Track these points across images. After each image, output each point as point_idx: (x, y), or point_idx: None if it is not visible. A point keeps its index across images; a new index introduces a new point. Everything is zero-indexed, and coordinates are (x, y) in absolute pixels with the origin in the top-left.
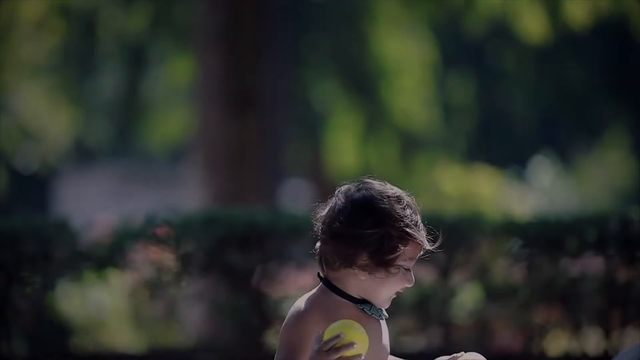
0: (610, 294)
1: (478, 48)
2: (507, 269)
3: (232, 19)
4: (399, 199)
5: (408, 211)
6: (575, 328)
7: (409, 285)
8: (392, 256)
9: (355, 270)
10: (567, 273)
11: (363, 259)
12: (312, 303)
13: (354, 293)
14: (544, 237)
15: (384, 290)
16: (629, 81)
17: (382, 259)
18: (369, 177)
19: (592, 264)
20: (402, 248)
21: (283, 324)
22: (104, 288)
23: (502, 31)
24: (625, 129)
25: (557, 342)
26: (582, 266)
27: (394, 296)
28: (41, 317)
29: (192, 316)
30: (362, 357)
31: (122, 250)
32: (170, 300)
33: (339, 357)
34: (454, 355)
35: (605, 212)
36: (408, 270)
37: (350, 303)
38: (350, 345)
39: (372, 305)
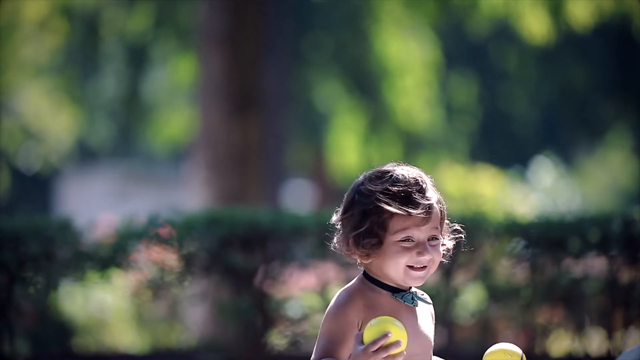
0: (612, 294)
1: (480, 48)
2: (509, 269)
3: (234, 19)
4: (379, 175)
5: (386, 185)
6: (578, 328)
7: (421, 258)
8: (365, 232)
9: (356, 257)
10: (569, 273)
11: (351, 244)
12: (351, 292)
13: (379, 277)
14: (547, 238)
15: (389, 268)
16: (631, 82)
17: (360, 239)
18: (390, 162)
19: (595, 265)
20: (376, 223)
21: (325, 314)
22: (106, 288)
23: (504, 32)
24: (628, 130)
25: (560, 342)
26: (585, 266)
27: (418, 272)
28: (44, 317)
29: (194, 316)
30: (405, 354)
31: (124, 251)
32: (173, 300)
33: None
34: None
35: (608, 213)
36: (406, 241)
37: (385, 290)
38: (397, 343)
39: (405, 292)
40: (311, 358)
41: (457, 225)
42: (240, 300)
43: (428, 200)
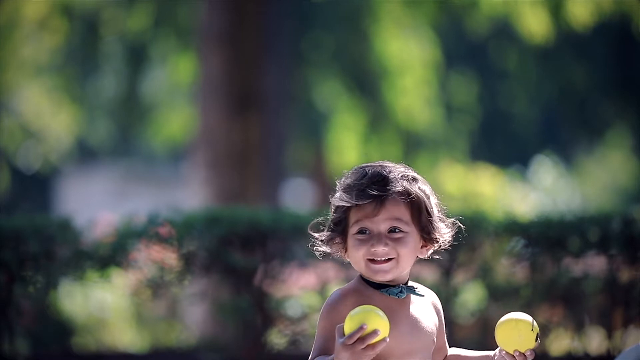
0: (612, 293)
1: (480, 47)
2: (509, 269)
3: (234, 18)
4: (352, 172)
5: (349, 180)
6: (578, 327)
7: (373, 249)
8: (329, 228)
9: (336, 254)
10: (569, 272)
11: (325, 241)
12: (344, 291)
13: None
14: (547, 237)
15: (353, 263)
16: (631, 81)
17: (327, 235)
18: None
19: (595, 264)
20: (336, 218)
21: (320, 313)
22: (106, 287)
23: (504, 31)
24: (628, 129)
25: (560, 341)
26: (585, 266)
27: (378, 265)
28: (43, 316)
29: (194, 315)
30: (387, 340)
31: (124, 250)
32: (173, 299)
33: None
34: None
35: (608, 212)
36: (361, 233)
37: (373, 287)
38: (374, 333)
39: (390, 286)
40: (309, 358)
41: (455, 221)
42: (240, 299)
43: (381, 191)
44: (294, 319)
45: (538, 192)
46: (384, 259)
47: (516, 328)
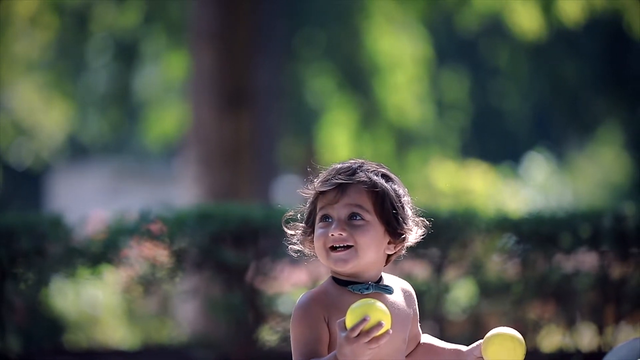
0: (604, 289)
1: (472, 44)
2: (500, 265)
3: (225, 14)
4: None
5: (319, 177)
6: (569, 324)
7: (331, 234)
8: (304, 220)
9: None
10: (560, 269)
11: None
12: (312, 292)
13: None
14: (538, 233)
15: (317, 254)
16: (622, 77)
17: (301, 229)
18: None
19: (586, 260)
20: (307, 210)
21: (291, 320)
22: (97, 284)
23: (495, 27)
24: (619, 125)
25: (551, 337)
26: (576, 262)
27: (336, 254)
28: (35, 313)
29: (186, 312)
30: (390, 332)
31: (116, 247)
32: (164, 296)
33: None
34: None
35: (599, 208)
36: (324, 220)
37: (342, 285)
38: (379, 325)
39: (355, 283)
40: None
41: (425, 221)
42: (231, 296)
43: (345, 179)
44: (285, 316)
45: (529, 188)
46: (342, 246)
47: (511, 344)
